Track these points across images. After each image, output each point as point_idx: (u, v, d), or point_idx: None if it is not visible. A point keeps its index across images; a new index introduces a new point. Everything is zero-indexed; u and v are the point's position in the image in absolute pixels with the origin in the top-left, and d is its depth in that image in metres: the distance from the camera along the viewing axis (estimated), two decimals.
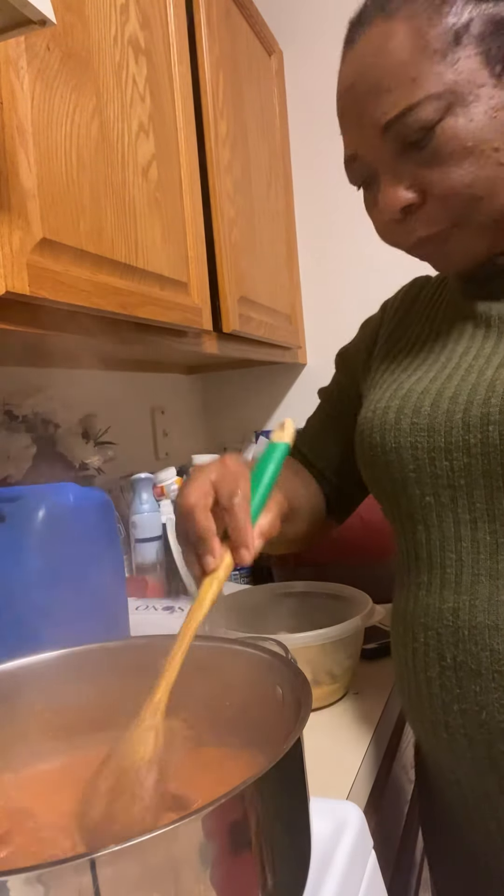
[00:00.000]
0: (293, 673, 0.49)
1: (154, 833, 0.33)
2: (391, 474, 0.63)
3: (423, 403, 0.61)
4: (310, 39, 1.72)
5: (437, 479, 0.60)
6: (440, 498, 0.60)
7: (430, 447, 0.59)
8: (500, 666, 0.56)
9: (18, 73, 0.71)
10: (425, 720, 0.63)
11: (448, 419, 0.58)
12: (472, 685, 0.58)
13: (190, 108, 1.12)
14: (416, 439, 0.60)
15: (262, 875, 0.39)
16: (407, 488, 0.62)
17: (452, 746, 0.61)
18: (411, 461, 0.61)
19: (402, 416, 0.62)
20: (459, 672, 0.59)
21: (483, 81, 0.55)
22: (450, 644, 0.59)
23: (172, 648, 0.50)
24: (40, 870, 0.32)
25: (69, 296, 0.77)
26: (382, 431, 0.63)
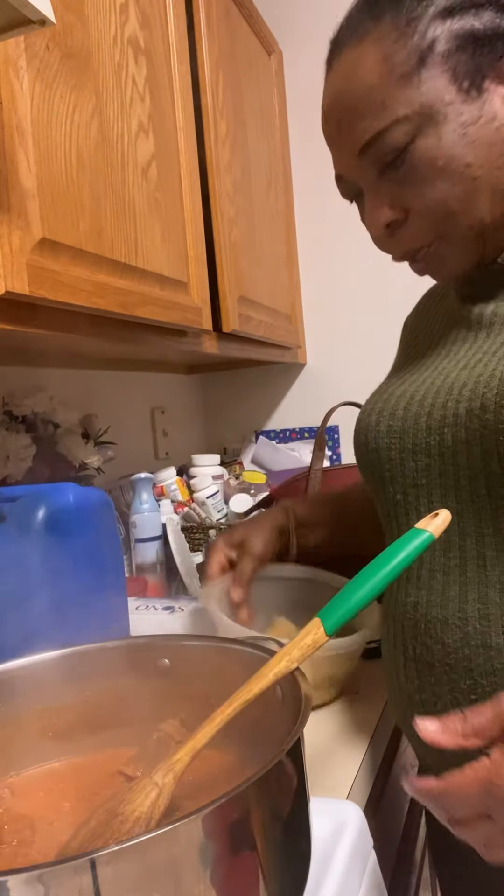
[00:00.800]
0: (293, 673, 0.49)
1: (154, 833, 0.33)
2: (373, 473, 0.66)
3: (399, 406, 0.64)
4: (309, 39, 1.72)
5: (405, 478, 0.62)
6: (407, 497, 0.63)
7: (400, 448, 0.62)
8: (449, 659, 0.58)
9: (18, 72, 0.71)
10: (398, 711, 0.66)
11: (415, 422, 0.61)
12: (428, 677, 0.60)
13: (189, 107, 1.12)
14: (390, 441, 0.63)
15: (262, 875, 0.39)
16: (384, 487, 0.65)
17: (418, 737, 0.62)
18: (387, 461, 0.64)
19: (381, 419, 0.65)
20: (418, 664, 0.61)
21: (451, 99, 0.56)
22: (410, 637, 0.62)
23: (214, 712, 0.47)
24: (40, 869, 0.32)
25: (69, 295, 0.77)
26: (366, 433, 0.67)
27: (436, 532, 0.51)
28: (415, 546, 0.50)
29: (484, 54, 0.56)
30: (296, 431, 1.85)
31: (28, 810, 0.52)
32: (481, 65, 0.56)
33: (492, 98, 0.56)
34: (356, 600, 0.49)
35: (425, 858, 1.00)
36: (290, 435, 1.86)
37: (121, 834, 0.42)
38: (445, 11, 0.56)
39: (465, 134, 0.56)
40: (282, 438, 1.85)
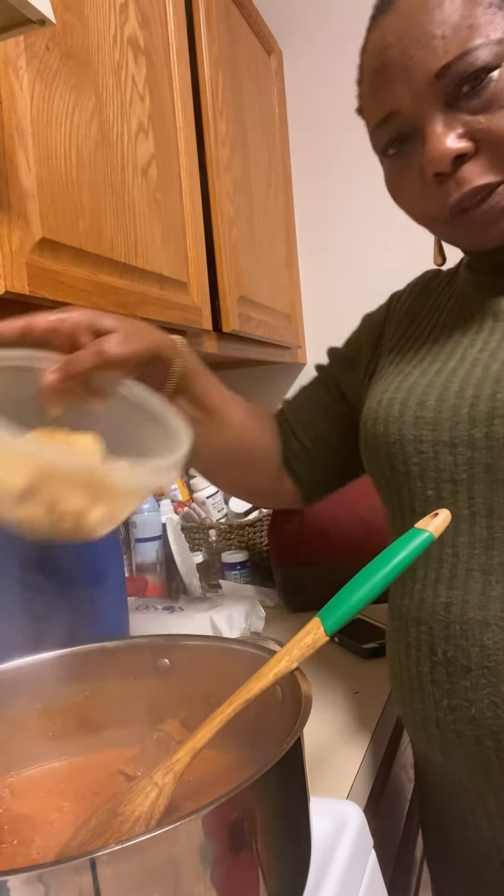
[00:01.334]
0: (293, 673, 0.49)
1: (154, 833, 0.33)
2: (393, 466, 0.63)
3: (429, 397, 0.61)
4: (309, 39, 1.71)
5: (439, 472, 0.59)
6: (441, 492, 0.60)
7: (434, 441, 0.59)
8: (489, 662, 0.56)
9: (18, 72, 0.70)
10: (417, 716, 0.63)
11: (454, 413, 0.58)
12: (461, 681, 0.58)
13: (189, 107, 1.12)
14: (420, 432, 0.60)
15: (263, 875, 0.39)
16: (409, 481, 0.62)
17: (443, 743, 0.61)
18: (414, 454, 0.61)
19: (406, 409, 0.62)
20: (450, 667, 0.59)
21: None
22: (441, 639, 0.60)
23: (214, 712, 0.47)
24: (41, 869, 0.32)
25: (69, 295, 0.77)
26: (386, 423, 0.63)
27: (436, 532, 0.50)
28: (415, 546, 0.50)
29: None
30: None
31: (28, 810, 0.52)
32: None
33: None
34: (356, 600, 0.49)
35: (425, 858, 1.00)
36: None
37: (121, 834, 0.42)
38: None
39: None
40: None
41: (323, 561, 1.16)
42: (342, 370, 0.81)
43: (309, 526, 1.18)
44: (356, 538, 1.14)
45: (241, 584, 1.33)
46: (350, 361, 0.80)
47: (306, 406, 0.83)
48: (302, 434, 0.81)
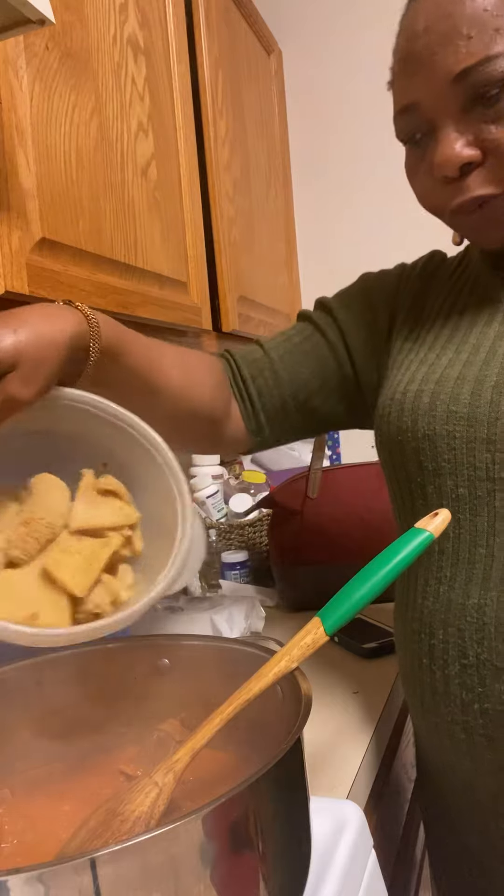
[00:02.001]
0: (293, 673, 0.49)
1: (154, 833, 0.33)
2: (420, 463, 0.61)
3: (462, 391, 0.58)
4: (309, 38, 1.71)
5: (475, 470, 0.57)
6: (476, 490, 0.58)
7: (469, 437, 0.57)
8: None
9: (17, 72, 0.70)
10: (440, 721, 0.61)
11: (492, 409, 0.56)
12: (496, 684, 0.57)
13: (189, 107, 1.12)
14: (453, 428, 0.58)
15: (263, 874, 0.39)
16: (438, 478, 0.60)
17: (470, 747, 0.59)
18: (446, 451, 0.58)
19: (437, 403, 0.59)
20: (482, 670, 0.57)
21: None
22: (473, 641, 0.58)
23: (215, 712, 0.47)
24: (41, 869, 0.32)
25: (68, 295, 0.77)
26: (414, 416, 0.60)
27: (436, 532, 0.50)
28: (415, 546, 0.49)
29: None
30: None
31: (28, 810, 0.52)
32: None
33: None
34: (356, 599, 0.49)
35: (425, 858, 1.00)
36: None
37: (121, 834, 0.42)
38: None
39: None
40: None
41: (323, 561, 1.16)
42: (353, 328, 0.73)
43: (309, 526, 1.18)
44: (356, 538, 1.14)
45: (241, 583, 1.33)
46: (361, 320, 0.73)
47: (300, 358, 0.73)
48: (288, 393, 0.72)
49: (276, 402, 0.73)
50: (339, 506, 1.17)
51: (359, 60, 1.66)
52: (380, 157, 1.67)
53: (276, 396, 0.73)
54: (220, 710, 0.47)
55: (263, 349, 0.75)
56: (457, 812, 0.66)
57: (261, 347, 0.75)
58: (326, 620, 0.48)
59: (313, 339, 0.74)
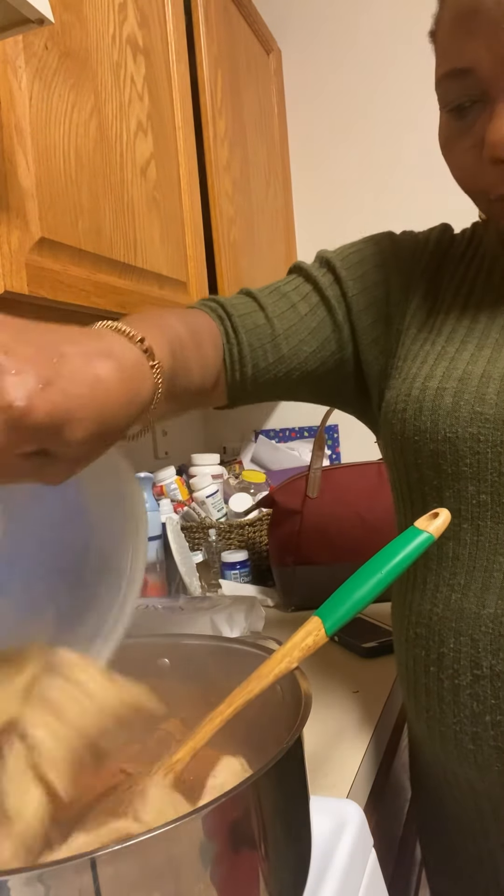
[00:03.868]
0: (294, 673, 0.49)
1: (155, 832, 0.33)
2: (439, 465, 0.57)
3: (487, 390, 0.54)
4: (308, 38, 1.71)
5: (499, 476, 0.54)
6: (501, 497, 0.54)
7: (495, 441, 0.53)
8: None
9: (16, 72, 0.70)
10: (446, 730, 0.60)
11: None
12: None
13: (188, 106, 1.12)
14: (478, 430, 0.54)
15: (263, 874, 0.39)
16: (458, 483, 0.56)
17: (478, 757, 0.58)
18: (469, 454, 0.55)
19: (460, 402, 0.55)
20: (497, 682, 0.55)
21: None
22: (488, 652, 0.56)
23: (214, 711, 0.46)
24: (41, 869, 0.32)
25: (68, 295, 0.77)
26: (435, 416, 0.56)
27: (436, 533, 0.48)
28: (414, 546, 0.48)
29: None
30: (295, 430, 1.85)
31: None
32: None
33: None
34: (356, 600, 0.48)
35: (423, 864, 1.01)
36: (290, 434, 1.86)
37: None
38: None
39: None
40: (281, 437, 1.85)
41: (323, 561, 1.16)
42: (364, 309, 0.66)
43: (309, 526, 1.18)
44: (356, 538, 1.14)
45: (241, 583, 1.33)
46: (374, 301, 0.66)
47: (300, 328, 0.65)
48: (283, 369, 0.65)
49: (268, 377, 0.65)
50: (338, 505, 1.17)
51: (358, 59, 1.66)
52: (379, 157, 1.67)
53: (270, 372, 0.64)
54: (219, 710, 0.47)
55: (266, 314, 0.65)
56: (455, 822, 0.66)
57: (262, 310, 0.65)
58: (326, 621, 0.48)
59: (318, 313, 0.66)
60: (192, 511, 1.42)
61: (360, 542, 1.13)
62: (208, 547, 1.36)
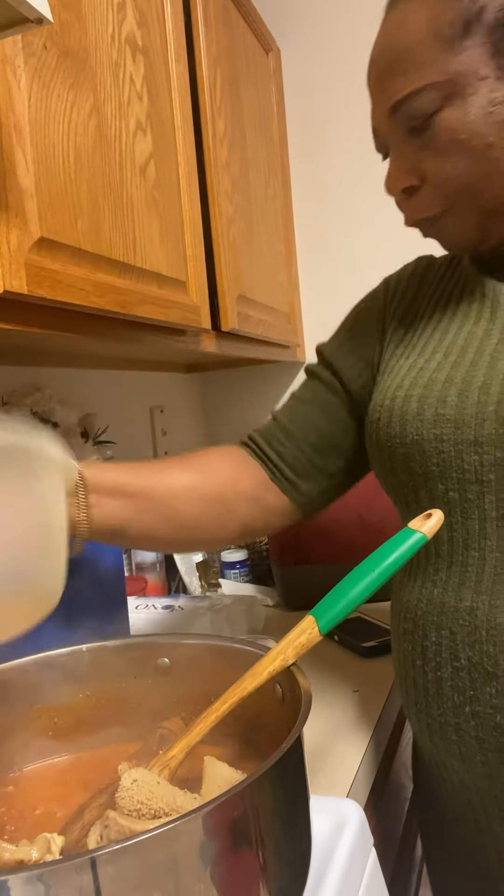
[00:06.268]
0: (293, 672, 0.49)
1: (155, 832, 0.33)
2: (410, 467, 0.60)
3: (449, 393, 0.58)
4: (307, 37, 1.71)
5: (463, 473, 0.57)
6: (466, 493, 0.57)
7: (456, 440, 0.56)
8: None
9: (15, 71, 0.70)
10: (433, 721, 0.61)
11: (479, 410, 0.56)
12: (487, 687, 0.57)
13: (188, 106, 1.12)
14: (441, 431, 0.57)
15: (263, 873, 0.39)
16: (428, 482, 0.59)
17: (462, 749, 0.60)
18: (434, 454, 0.58)
19: (424, 406, 0.59)
20: (474, 673, 0.57)
21: (486, 74, 0.54)
22: (465, 644, 0.58)
23: (209, 708, 0.47)
24: (41, 869, 0.32)
25: (67, 295, 0.77)
26: (403, 421, 0.60)
27: (429, 533, 0.50)
28: (408, 546, 0.49)
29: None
30: None
31: (30, 806, 0.52)
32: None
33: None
34: (350, 599, 0.49)
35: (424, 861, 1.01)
36: None
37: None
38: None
39: (492, 112, 0.54)
40: None
41: (323, 560, 1.16)
42: (345, 364, 0.74)
43: (309, 526, 1.18)
44: (356, 538, 1.14)
45: (241, 583, 1.33)
46: (352, 353, 0.74)
47: (304, 409, 0.75)
48: (302, 442, 0.73)
49: (294, 453, 0.73)
50: (338, 505, 1.17)
51: (357, 59, 1.66)
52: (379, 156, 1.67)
53: (293, 448, 0.73)
54: (214, 707, 0.47)
55: (274, 417, 0.78)
56: (451, 814, 0.66)
57: (273, 418, 0.78)
58: (320, 619, 0.49)
59: (313, 386, 0.76)
60: None
61: (359, 542, 1.13)
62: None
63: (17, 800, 0.53)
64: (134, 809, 0.42)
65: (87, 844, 0.42)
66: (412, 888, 0.95)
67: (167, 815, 0.42)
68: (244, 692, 0.47)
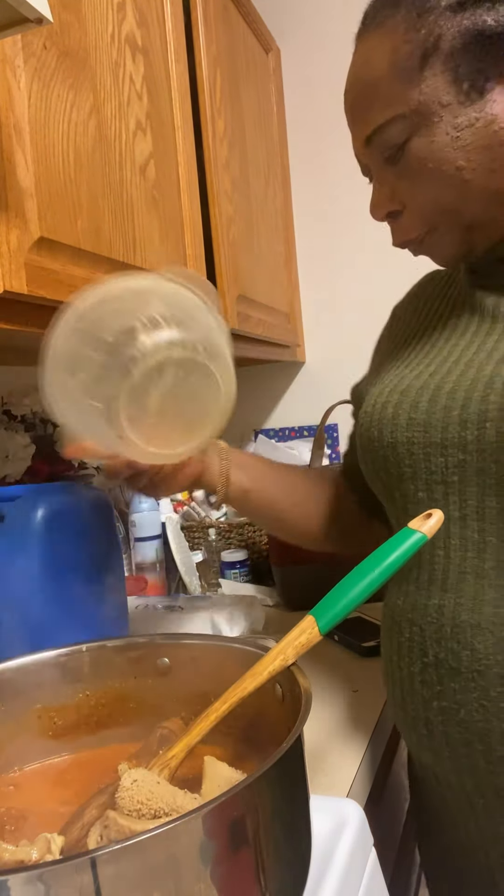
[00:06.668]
0: (293, 672, 0.49)
1: (155, 832, 0.33)
2: (387, 469, 0.63)
3: (421, 398, 0.60)
4: (307, 37, 1.71)
5: (430, 474, 0.59)
6: (433, 494, 0.59)
7: (425, 442, 0.59)
8: (479, 665, 0.56)
9: (15, 71, 0.70)
10: (407, 716, 0.63)
11: (445, 415, 0.58)
12: (451, 683, 0.58)
13: (187, 106, 1.12)
14: (412, 434, 0.60)
15: (263, 873, 0.39)
16: (402, 483, 0.62)
17: (432, 744, 0.61)
18: (406, 456, 0.61)
19: (399, 411, 0.62)
20: (440, 669, 0.59)
21: (449, 101, 0.56)
22: (432, 641, 0.59)
23: (209, 708, 0.47)
24: (41, 869, 0.32)
25: (67, 294, 0.77)
26: (380, 426, 0.63)
27: (429, 533, 0.51)
28: (407, 546, 0.50)
29: (490, 54, 0.54)
30: (295, 430, 1.85)
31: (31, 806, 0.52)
32: (486, 66, 0.55)
33: (494, 98, 0.55)
34: (350, 599, 0.49)
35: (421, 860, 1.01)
36: (290, 433, 1.86)
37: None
38: (458, 4, 0.55)
39: (458, 137, 0.56)
40: (281, 437, 1.85)
41: (323, 560, 1.16)
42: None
43: None
44: None
45: (241, 583, 1.33)
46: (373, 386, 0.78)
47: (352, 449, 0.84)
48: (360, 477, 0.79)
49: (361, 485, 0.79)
50: None
51: None
52: None
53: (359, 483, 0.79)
54: (214, 707, 0.47)
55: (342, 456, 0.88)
56: (437, 811, 0.67)
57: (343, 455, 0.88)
58: (320, 619, 0.49)
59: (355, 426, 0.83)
60: (191, 510, 1.42)
61: None
62: (208, 546, 1.36)
63: (17, 800, 0.53)
64: (134, 809, 0.42)
65: (87, 844, 0.42)
66: (412, 888, 0.95)
67: (167, 815, 0.42)
68: (244, 692, 0.47)
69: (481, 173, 0.56)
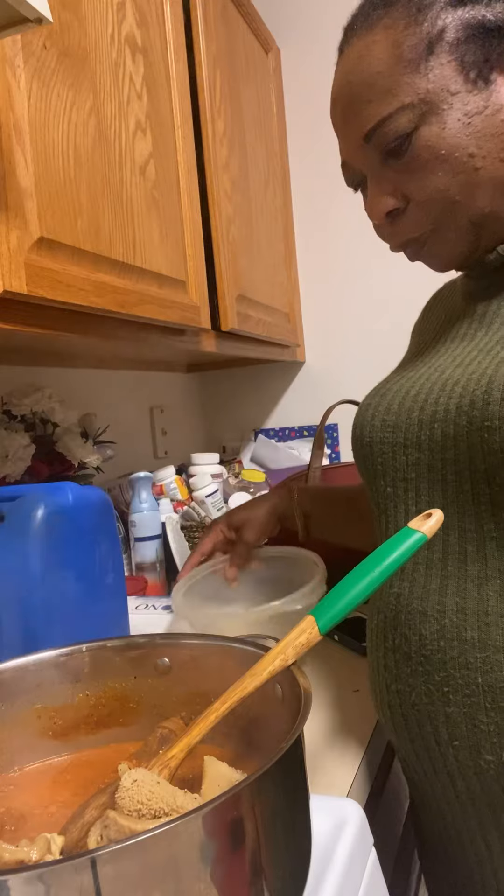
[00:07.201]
0: (293, 671, 0.49)
1: (155, 831, 0.33)
2: (366, 466, 0.67)
3: (394, 402, 0.64)
4: (307, 36, 1.71)
5: (396, 472, 0.63)
6: (397, 489, 0.64)
7: (393, 442, 0.63)
8: (425, 651, 0.59)
9: (15, 71, 0.70)
10: (376, 700, 0.67)
11: (408, 416, 0.62)
12: (404, 667, 0.61)
13: (187, 106, 1.12)
14: (384, 435, 0.64)
15: (263, 873, 0.39)
16: (376, 479, 0.66)
17: (394, 725, 0.64)
18: (379, 454, 0.65)
19: (375, 413, 0.66)
20: (396, 654, 0.62)
21: (457, 89, 0.56)
22: (391, 627, 0.63)
23: (209, 708, 0.47)
24: (41, 869, 0.32)
25: (67, 295, 0.77)
26: (362, 427, 0.67)
27: (429, 533, 0.51)
28: (407, 546, 0.51)
29: (493, 45, 0.56)
30: (295, 430, 1.85)
31: (29, 806, 0.52)
32: (490, 55, 0.56)
33: (499, 89, 0.56)
34: (349, 599, 0.49)
35: None
36: (290, 433, 1.86)
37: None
38: (457, 0, 0.56)
39: (470, 124, 0.56)
40: (281, 437, 1.85)
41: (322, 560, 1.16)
42: None
43: None
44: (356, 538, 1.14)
45: None
46: None
47: None
48: None
49: None
50: None
51: None
52: None
53: None
54: (214, 707, 0.47)
55: None
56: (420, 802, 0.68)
57: None
58: (320, 619, 0.49)
59: None
60: (191, 510, 1.42)
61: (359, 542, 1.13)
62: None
63: (17, 800, 0.53)
64: (134, 809, 0.42)
65: (87, 844, 0.42)
66: (412, 888, 0.95)
67: (167, 815, 0.42)
68: (244, 692, 0.47)
69: (491, 161, 0.57)
